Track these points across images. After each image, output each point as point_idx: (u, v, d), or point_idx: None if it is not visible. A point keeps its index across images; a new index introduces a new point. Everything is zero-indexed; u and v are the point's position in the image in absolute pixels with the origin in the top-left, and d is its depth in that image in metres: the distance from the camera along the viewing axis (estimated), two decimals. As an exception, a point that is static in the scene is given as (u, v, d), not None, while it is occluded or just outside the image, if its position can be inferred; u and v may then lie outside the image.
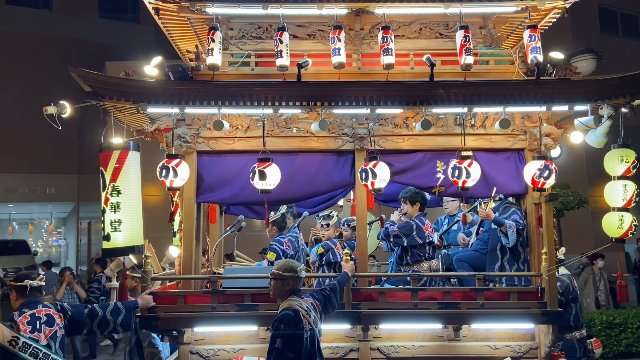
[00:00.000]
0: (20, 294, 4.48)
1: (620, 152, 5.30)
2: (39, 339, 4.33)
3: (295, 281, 4.27)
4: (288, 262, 4.40)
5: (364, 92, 5.12)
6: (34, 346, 4.30)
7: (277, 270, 4.28)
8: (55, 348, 4.42)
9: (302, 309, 4.13)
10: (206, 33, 5.54)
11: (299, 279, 4.32)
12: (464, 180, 5.09)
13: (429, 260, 5.85)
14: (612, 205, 5.38)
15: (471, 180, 5.11)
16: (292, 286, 4.26)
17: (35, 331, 4.34)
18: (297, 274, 4.27)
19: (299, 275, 4.30)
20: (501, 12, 5.79)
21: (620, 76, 5.17)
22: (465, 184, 5.11)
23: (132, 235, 5.05)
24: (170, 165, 4.97)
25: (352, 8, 5.56)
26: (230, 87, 5.06)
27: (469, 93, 5.14)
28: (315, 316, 4.25)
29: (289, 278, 4.24)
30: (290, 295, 4.24)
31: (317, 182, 5.56)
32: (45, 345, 4.34)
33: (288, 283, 4.24)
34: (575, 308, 6.02)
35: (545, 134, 5.55)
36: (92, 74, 4.91)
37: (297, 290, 4.30)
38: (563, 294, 5.76)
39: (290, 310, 4.11)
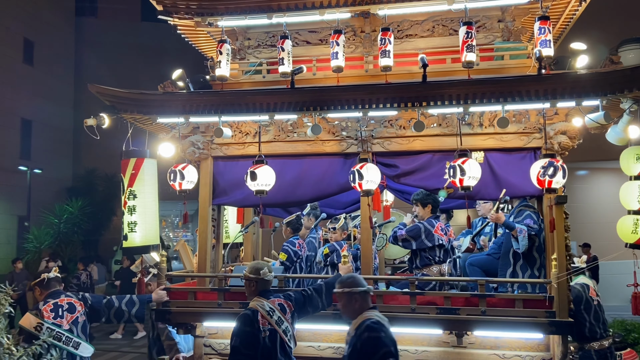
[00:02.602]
0: (42, 287, 5.32)
1: (636, 150, 5.00)
2: (62, 324, 5.13)
3: (260, 283, 4.60)
4: (256, 264, 4.76)
5: (355, 95, 5.35)
6: (57, 330, 5.10)
7: (245, 272, 4.68)
8: (77, 332, 5.20)
9: (262, 310, 4.47)
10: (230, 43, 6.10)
11: (265, 281, 4.64)
12: (460, 179, 5.09)
13: (439, 264, 5.91)
14: (627, 208, 5.10)
15: (469, 178, 5.09)
16: (258, 287, 4.61)
17: (57, 317, 5.15)
18: (261, 276, 4.60)
19: (264, 278, 4.62)
20: (510, 3, 5.70)
21: (632, 67, 4.92)
22: (463, 182, 5.10)
23: (147, 236, 5.75)
24: (177, 169, 5.58)
25: (354, 11, 5.81)
26: (227, 96, 5.55)
27: (464, 92, 5.16)
28: (281, 316, 4.56)
29: (253, 280, 4.60)
30: (257, 296, 4.61)
31: (324, 184, 5.87)
32: (67, 330, 5.14)
33: (253, 284, 4.61)
34: (589, 318, 5.76)
35: (561, 131, 5.39)
36: (108, 90, 5.66)
37: (265, 291, 4.63)
38: (573, 303, 5.56)
39: (249, 311, 4.49)
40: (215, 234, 6.28)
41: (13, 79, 22.01)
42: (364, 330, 3.91)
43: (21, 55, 22.98)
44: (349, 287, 4.16)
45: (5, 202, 22.12)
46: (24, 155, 22.83)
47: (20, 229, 22.16)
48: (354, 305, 4.14)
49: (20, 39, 22.83)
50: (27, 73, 22.82)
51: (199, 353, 5.88)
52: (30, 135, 23.17)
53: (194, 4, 5.89)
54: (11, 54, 22.34)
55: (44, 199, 22.00)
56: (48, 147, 23.36)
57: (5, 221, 22.50)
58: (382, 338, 3.87)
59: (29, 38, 23.17)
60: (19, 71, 22.45)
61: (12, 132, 22.52)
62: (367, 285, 4.23)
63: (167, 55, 21.02)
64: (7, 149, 22.04)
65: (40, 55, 23.69)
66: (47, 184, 22.97)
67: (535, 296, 5.31)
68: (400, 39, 6.08)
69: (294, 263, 6.54)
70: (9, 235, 22.65)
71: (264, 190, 5.44)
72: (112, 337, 13.46)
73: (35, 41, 23.43)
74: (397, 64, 5.79)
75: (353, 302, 4.14)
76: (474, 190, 5.59)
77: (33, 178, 21.32)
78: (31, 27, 23.12)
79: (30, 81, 22.68)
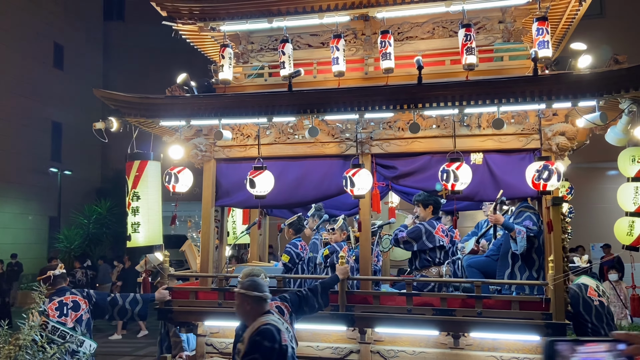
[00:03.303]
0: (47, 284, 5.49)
1: (632, 151, 4.97)
2: (66, 322, 5.30)
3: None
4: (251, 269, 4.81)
5: (352, 97, 5.41)
6: (62, 329, 5.27)
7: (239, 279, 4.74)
8: (81, 330, 5.37)
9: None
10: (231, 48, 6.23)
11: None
12: (452, 184, 5.15)
13: (438, 266, 5.93)
14: (624, 210, 5.07)
15: (461, 184, 5.15)
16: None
17: (62, 316, 5.32)
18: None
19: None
20: (508, 4, 5.71)
21: (628, 67, 4.89)
22: (455, 188, 5.17)
23: (150, 236, 5.91)
24: (173, 172, 5.73)
25: (353, 15, 5.89)
26: (227, 100, 5.68)
27: (459, 94, 5.19)
28: (280, 318, 4.66)
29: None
30: None
31: (325, 186, 5.95)
32: (71, 328, 5.30)
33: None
34: (591, 319, 5.73)
35: (559, 132, 5.38)
36: (112, 94, 5.84)
37: None
38: (570, 303, 5.53)
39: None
40: (218, 234, 6.41)
41: (44, 83, 22.60)
42: (256, 335, 3.90)
43: (51, 60, 23.61)
44: (245, 289, 4.10)
45: (37, 203, 22.73)
46: (55, 157, 23.42)
47: (52, 229, 22.74)
48: (245, 308, 4.08)
49: (50, 43, 23.46)
50: (57, 77, 23.42)
51: (200, 352, 6.01)
52: (60, 137, 23.77)
53: (196, 10, 6.03)
54: (42, 59, 22.95)
55: (73, 200, 22.53)
56: (77, 149, 23.91)
57: (37, 222, 23.11)
58: (269, 345, 3.84)
59: (59, 42, 23.77)
60: (49, 75, 23.04)
61: (43, 135, 23.15)
62: (266, 292, 4.12)
63: (196, 57, 21.35)
64: (38, 151, 22.64)
65: (69, 59, 24.30)
66: (76, 185, 23.52)
67: (531, 298, 5.31)
68: (401, 41, 6.14)
69: (296, 264, 6.63)
70: (40, 236, 23.26)
71: (263, 195, 5.55)
72: (111, 338, 13.69)
73: (65, 45, 24.04)
74: (397, 66, 5.84)
75: (245, 305, 4.07)
76: (473, 192, 5.64)
77: (63, 179, 21.86)
78: (61, 31, 23.73)
79: (60, 85, 23.26)
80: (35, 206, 22.77)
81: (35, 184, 22.31)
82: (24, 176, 21.93)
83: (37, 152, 22.60)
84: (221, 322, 5.99)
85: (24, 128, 21.89)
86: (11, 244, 20.57)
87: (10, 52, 21.19)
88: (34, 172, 22.20)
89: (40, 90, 22.38)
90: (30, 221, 22.78)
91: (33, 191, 22.38)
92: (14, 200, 21.68)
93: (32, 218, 22.77)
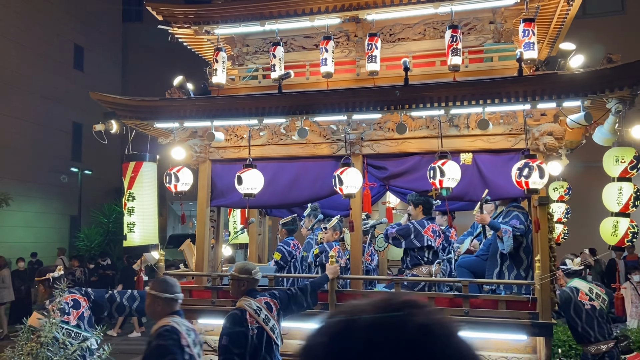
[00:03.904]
0: (46, 286, 5.65)
1: (617, 152, 4.97)
2: (69, 320, 5.46)
3: (250, 282, 4.82)
4: (245, 264, 4.99)
5: (340, 99, 5.52)
6: (66, 327, 5.43)
7: (234, 271, 4.89)
8: (85, 327, 5.52)
9: (250, 309, 4.70)
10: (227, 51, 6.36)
11: (255, 280, 4.86)
12: (440, 180, 5.19)
13: (428, 265, 5.99)
14: (610, 210, 5.08)
15: (448, 180, 5.18)
16: (248, 286, 4.82)
17: (64, 314, 5.47)
18: (253, 275, 4.82)
19: (254, 277, 4.84)
20: (496, 5, 5.75)
21: (612, 67, 4.91)
22: (443, 184, 5.20)
23: (145, 236, 6.06)
24: (173, 172, 5.87)
25: (343, 17, 5.98)
26: (218, 102, 5.81)
27: (444, 95, 5.25)
28: (268, 314, 4.77)
29: (244, 280, 4.81)
30: (244, 295, 4.82)
31: (317, 186, 6.04)
32: (75, 325, 5.46)
33: (244, 284, 4.82)
34: (581, 322, 5.75)
35: (547, 132, 5.41)
36: (108, 97, 6.02)
37: (252, 290, 4.86)
38: (562, 306, 5.56)
39: (237, 310, 4.71)
40: (214, 234, 6.55)
41: (64, 84, 22.99)
42: (155, 337, 3.94)
43: (72, 61, 24.00)
44: (154, 290, 4.14)
45: (58, 203, 23.14)
46: (75, 157, 23.81)
47: (72, 228, 23.14)
48: (155, 308, 4.11)
49: (70, 45, 23.85)
50: (78, 78, 23.79)
51: (195, 349, 6.15)
52: (80, 138, 24.14)
53: (190, 13, 6.17)
54: (62, 60, 23.36)
55: (94, 200, 22.88)
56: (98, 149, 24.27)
57: (58, 220, 23.53)
58: (169, 346, 3.85)
59: (79, 44, 24.16)
60: (69, 76, 23.44)
61: (64, 135, 23.58)
62: (177, 293, 4.16)
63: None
64: (59, 152, 23.05)
65: (89, 60, 24.69)
66: (96, 184, 23.88)
67: (518, 297, 5.36)
68: (393, 42, 6.21)
69: (288, 263, 6.74)
70: (62, 234, 23.67)
71: (252, 193, 5.65)
72: (130, 336, 13.87)
73: (85, 47, 24.41)
74: (388, 67, 5.94)
75: (155, 305, 4.11)
76: (463, 192, 5.70)
77: (83, 179, 22.23)
78: (81, 33, 24.11)
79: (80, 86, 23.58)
80: (57, 205, 23.19)
81: (56, 184, 22.71)
82: (45, 176, 22.34)
83: (58, 152, 23.01)
84: (215, 320, 6.11)
85: (45, 129, 22.30)
86: (33, 242, 20.96)
87: (31, 54, 21.58)
88: (55, 172, 22.61)
89: (61, 92, 22.76)
90: (52, 220, 23.21)
91: (54, 191, 22.79)
92: (36, 199, 22.09)
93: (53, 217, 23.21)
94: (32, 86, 21.47)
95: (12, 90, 20.57)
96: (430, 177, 5.26)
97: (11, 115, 20.64)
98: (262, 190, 5.88)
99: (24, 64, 21.26)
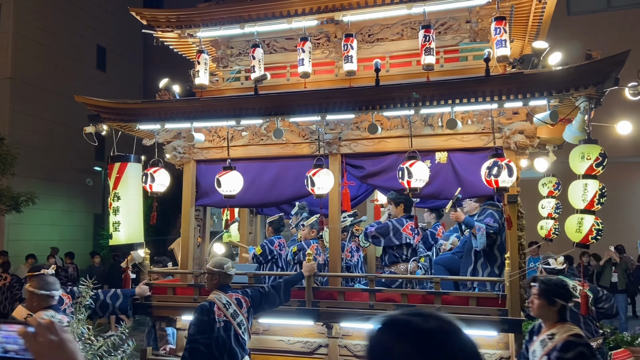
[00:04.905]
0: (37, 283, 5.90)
1: (582, 149, 4.98)
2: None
3: (222, 276, 5.01)
4: (220, 259, 5.17)
5: (313, 100, 5.64)
6: None
7: (209, 266, 5.09)
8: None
9: (219, 302, 4.89)
10: (211, 53, 6.55)
11: (227, 275, 5.05)
12: (408, 181, 5.30)
13: (406, 262, 6.09)
14: (575, 207, 5.11)
15: (416, 180, 5.28)
16: (220, 281, 5.02)
17: None
18: (224, 270, 5.01)
19: (227, 272, 5.02)
20: (468, 5, 5.81)
21: (575, 66, 4.96)
22: (411, 185, 5.31)
23: (130, 235, 6.28)
24: (149, 172, 6.07)
25: (320, 19, 6.09)
26: (197, 104, 5.98)
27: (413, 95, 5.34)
28: (237, 310, 4.95)
29: (216, 273, 5.01)
30: (217, 289, 5.01)
31: (297, 185, 6.17)
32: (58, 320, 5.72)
33: (216, 278, 5.02)
34: None
35: (518, 130, 5.46)
36: (92, 100, 6.25)
37: (224, 285, 5.04)
38: None
39: (206, 302, 4.92)
40: (200, 233, 6.74)
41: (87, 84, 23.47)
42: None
43: (94, 62, 24.52)
44: (33, 288, 4.63)
45: (83, 201, 23.70)
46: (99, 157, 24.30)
47: (96, 226, 23.67)
48: (32, 303, 4.64)
49: (93, 45, 24.37)
50: (100, 78, 24.31)
51: (180, 344, 6.33)
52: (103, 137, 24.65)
53: (173, 18, 6.36)
54: (85, 60, 23.89)
55: (117, 198, 23.32)
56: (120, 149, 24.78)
57: (83, 219, 24.09)
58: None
59: (102, 45, 24.67)
60: (92, 76, 23.95)
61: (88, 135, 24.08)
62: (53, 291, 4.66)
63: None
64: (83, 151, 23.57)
65: (111, 60, 25.19)
66: (119, 183, 24.33)
67: (488, 294, 5.43)
68: (371, 42, 6.30)
69: (268, 260, 6.88)
70: (86, 232, 24.23)
71: (233, 194, 5.82)
72: None
73: (107, 48, 24.91)
74: (366, 68, 6.03)
75: (32, 301, 4.64)
76: (438, 190, 5.80)
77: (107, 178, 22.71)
78: (103, 34, 24.62)
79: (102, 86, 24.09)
80: (82, 204, 23.74)
81: (81, 183, 23.25)
82: (70, 175, 22.88)
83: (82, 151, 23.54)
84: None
85: (69, 128, 22.82)
86: (58, 240, 21.52)
87: (55, 54, 22.13)
88: (79, 172, 23.14)
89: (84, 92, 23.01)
90: (77, 218, 23.77)
91: (79, 189, 23.32)
92: (61, 198, 22.65)
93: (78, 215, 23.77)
94: (56, 87, 21.98)
95: (36, 91, 21.12)
96: (399, 178, 5.36)
97: (36, 116, 21.19)
98: (244, 190, 6.06)
99: (48, 64, 21.81)
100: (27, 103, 20.96)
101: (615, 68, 4.77)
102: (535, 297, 4.18)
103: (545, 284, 4.16)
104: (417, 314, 1.44)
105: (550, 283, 4.19)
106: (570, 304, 5.97)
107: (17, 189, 16.99)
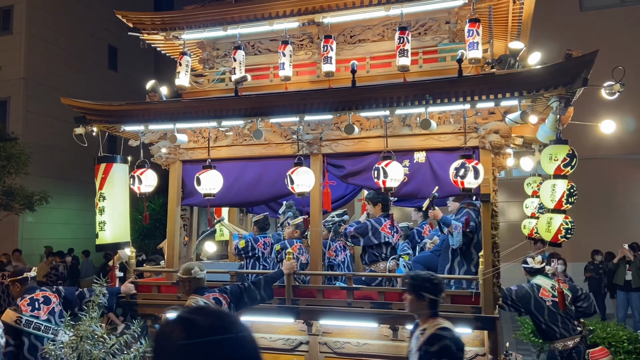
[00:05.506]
0: (21, 284, 6.04)
1: (551, 150, 5.03)
2: (39, 315, 5.88)
3: (193, 281, 5.05)
4: (187, 265, 5.20)
5: (290, 101, 5.75)
6: (35, 322, 5.86)
7: (179, 274, 5.16)
8: (55, 321, 5.95)
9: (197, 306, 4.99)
10: (198, 54, 6.69)
11: (197, 279, 5.07)
12: (383, 180, 5.38)
13: (385, 261, 6.17)
14: (545, 206, 5.16)
15: (391, 180, 5.36)
16: (192, 285, 5.06)
17: (35, 310, 5.89)
18: (193, 275, 5.07)
19: (195, 277, 5.06)
20: (444, 7, 5.88)
21: (545, 66, 5.02)
22: (386, 184, 5.39)
23: (116, 234, 6.44)
24: (136, 174, 6.21)
25: (300, 21, 6.19)
26: (179, 105, 6.11)
27: (388, 96, 5.42)
28: None
29: (186, 280, 5.07)
30: (192, 293, 5.10)
31: (279, 185, 6.27)
32: (45, 320, 5.89)
33: (187, 284, 5.07)
34: (543, 319, 5.87)
35: (493, 130, 5.52)
36: (77, 102, 6.41)
37: (199, 288, 5.10)
38: (520, 302, 5.69)
39: None
40: (187, 232, 6.89)
41: (99, 84, 23.81)
42: None
43: (106, 61, 24.83)
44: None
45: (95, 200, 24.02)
46: (111, 156, 24.64)
47: (110, 225, 23.96)
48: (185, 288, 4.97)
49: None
50: (112, 78, 24.61)
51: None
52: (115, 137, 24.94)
53: (158, 20, 6.50)
54: (97, 60, 24.19)
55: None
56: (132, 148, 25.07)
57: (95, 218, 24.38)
58: None
59: (113, 45, 24.95)
60: (104, 76, 24.25)
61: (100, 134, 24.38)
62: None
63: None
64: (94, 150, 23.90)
65: (123, 60, 25.47)
66: (131, 183, 24.63)
67: (463, 292, 5.51)
68: (353, 43, 6.40)
69: (250, 256, 6.98)
70: (100, 231, 24.53)
71: (212, 193, 5.94)
72: None
73: (119, 47, 25.19)
74: (347, 69, 6.10)
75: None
76: (416, 189, 5.89)
77: (117, 177, 22.97)
78: (114, 34, 24.83)
79: (114, 86, 24.41)
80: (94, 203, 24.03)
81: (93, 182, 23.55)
82: (83, 174, 23.18)
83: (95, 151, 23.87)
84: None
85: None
86: (71, 239, 21.85)
87: (67, 54, 22.45)
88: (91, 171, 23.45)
89: (96, 91, 23.50)
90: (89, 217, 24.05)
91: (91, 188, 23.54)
92: (74, 197, 22.96)
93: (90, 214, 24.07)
94: (68, 86, 22.27)
95: (49, 91, 21.39)
96: (375, 177, 5.45)
97: (49, 115, 21.49)
98: (227, 189, 6.19)
99: (60, 65, 22.12)
100: (40, 103, 21.27)
101: (584, 68, 4.81)
102: (406, 292, 4.18)
103: (412, 279, 4.15)
104: (200, 312, 1.48)
105: (417, 278, 4.15)
106: (547, 303, 6.08)
107: (31, 188, 17.28)
